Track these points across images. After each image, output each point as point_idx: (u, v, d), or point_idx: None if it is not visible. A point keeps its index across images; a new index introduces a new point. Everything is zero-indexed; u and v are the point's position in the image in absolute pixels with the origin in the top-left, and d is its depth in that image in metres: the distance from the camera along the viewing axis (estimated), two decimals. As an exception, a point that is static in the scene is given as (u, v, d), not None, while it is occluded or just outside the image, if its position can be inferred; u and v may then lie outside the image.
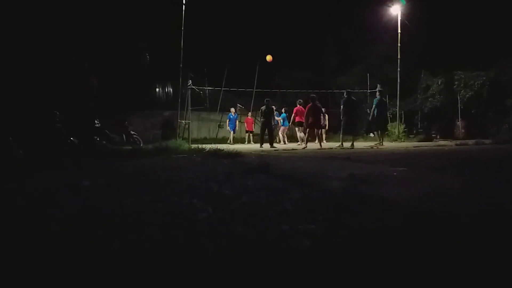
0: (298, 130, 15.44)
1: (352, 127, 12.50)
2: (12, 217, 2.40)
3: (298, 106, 14.74)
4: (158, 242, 1.78)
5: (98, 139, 10.22)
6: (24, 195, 3.26)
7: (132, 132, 14.40)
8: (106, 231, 1.99)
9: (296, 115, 14.62)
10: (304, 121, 12.52)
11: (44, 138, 6.52)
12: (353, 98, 12.60)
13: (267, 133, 13.32)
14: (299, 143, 15.20)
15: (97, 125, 10.38)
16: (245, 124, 18.40)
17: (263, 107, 13.39)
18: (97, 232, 1.97)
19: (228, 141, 17.21)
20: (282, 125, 16.99)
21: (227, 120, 17.87)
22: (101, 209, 2.58)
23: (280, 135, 16.88)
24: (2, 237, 1.93)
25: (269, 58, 15.17)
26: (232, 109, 17.97)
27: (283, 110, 17.15)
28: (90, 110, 6.62)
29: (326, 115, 17.21)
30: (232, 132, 17.78)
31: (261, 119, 13.53)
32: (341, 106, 12.33)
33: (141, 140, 14.23)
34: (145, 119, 18.65)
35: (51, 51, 7.28)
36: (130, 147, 11.72)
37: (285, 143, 16.28)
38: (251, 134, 17.89)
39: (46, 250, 1.70)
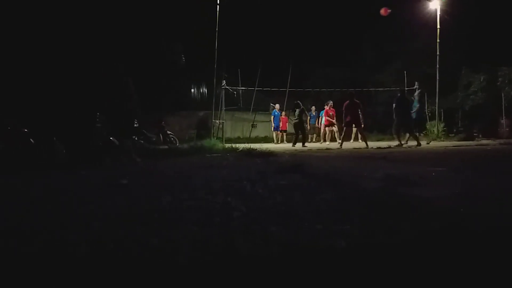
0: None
1: (402, 127, 11.91)
2: (56, 214, 2.52)
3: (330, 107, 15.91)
4: (194, 240, 1.82)
5: (136, 138, 10.54)
6: (67, 193, 3.42)
7: (169, 132, 14.73)
8: (144, 228, 2.05)
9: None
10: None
11: (86, 138, 6.79)
12: (406, 97, 12.19)
13: (301, 133, 13.31)
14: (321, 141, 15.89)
15: (135, 125, 10.71)
16: (281, 123, 18.29)
17: (295, 109, 13.38)
18: (136, 229, 2.04)
19: (275, 141, 17.05)
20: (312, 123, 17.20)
21: (272, 117, 17.61)
22: (139, 207, 2.66)
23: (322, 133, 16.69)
24: (46, 232, 2.03)
25: (384, 11, 14.27)
26: (277, 105, 17.70)
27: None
28: (128, 110, 6.82)
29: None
30: (276, 131, 17.32)
31: (294, 120, 13.49)
32: (394, 105, 11.75)
33: (177, 140, 14.53)
34: (181, 119, 19.04)
35: (90, 54, 7.57)
36: (167, 147, 12.02)
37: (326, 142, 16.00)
38: (284, 133, 17.82)
39: (87, 245, 1.77)
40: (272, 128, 17.53)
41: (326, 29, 23.30)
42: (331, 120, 15.84)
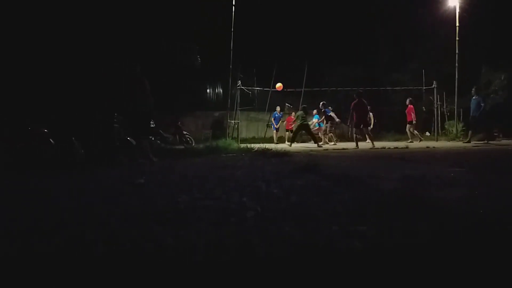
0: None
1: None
2: (73, 213, 2.56)
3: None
4: (209, 239, 1.83)
5: (153, 138, 10.65)
6: (84, 192, 3.47)
7: (185, 132, 14.82)
8: (160, 227, 2.07)
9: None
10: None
11: (103, 138, 6.90)
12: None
13: (309, 134, 13.20)
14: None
15: (152, 126, 10.83)
16: (286, 123, 18.12)
17: (300, 112, 13.28)
18: (152, 228, 2.06)
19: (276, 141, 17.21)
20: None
21: (273, 119, 17.78)
22: (155, 206, 2.69)
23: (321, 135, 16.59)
24: (64, 231, 2.06)
25: (279, 86, 14.94)
26: (278, 108, 17.84)
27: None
28: (145, 110, 6.89)
29: (370, 113, 16.28)
30: (274, 130, 17.66)
31: (298, 123, 13.33)
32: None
33: (193, 140, 14.62)
34: (196, 119, 19.15)
35: (108, 56, 7.68)
36: (183, 147, 12.11)
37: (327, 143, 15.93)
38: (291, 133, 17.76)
39: (104, 244, 1.80)
40: (273, 128, 17.69)
41: (342, 27, 23.06)
42: None
